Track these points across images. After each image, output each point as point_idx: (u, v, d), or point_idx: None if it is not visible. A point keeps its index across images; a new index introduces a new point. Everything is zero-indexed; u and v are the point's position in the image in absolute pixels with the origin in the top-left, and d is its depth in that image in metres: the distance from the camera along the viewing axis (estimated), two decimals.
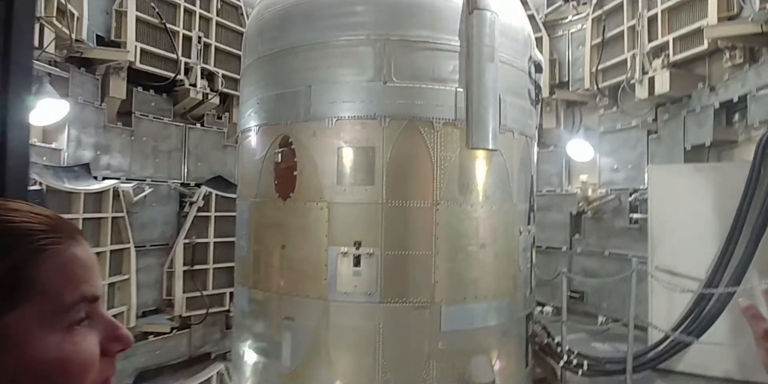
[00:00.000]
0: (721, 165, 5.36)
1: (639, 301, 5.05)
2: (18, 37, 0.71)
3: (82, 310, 0.63)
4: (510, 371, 3.86)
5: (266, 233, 3.85)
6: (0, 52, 0.71)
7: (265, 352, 3.79)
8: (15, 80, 0.69)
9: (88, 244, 0.69)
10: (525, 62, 4.03)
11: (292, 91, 3.68)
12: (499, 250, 3.72)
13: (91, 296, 0.64)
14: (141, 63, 6.07)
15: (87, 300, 0.64)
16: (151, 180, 6.39)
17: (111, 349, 0.66)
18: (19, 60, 0.72)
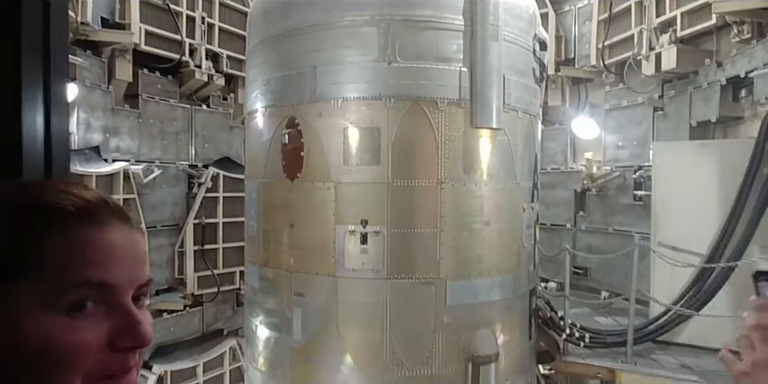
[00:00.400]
0: (725, 142, 5.37)
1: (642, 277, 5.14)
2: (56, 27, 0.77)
3: (86, 294, 0.59)
4: (513, 344, 3.99)
5: (275, 213, 3.95)
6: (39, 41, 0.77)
7: (277, 327, 3.93)
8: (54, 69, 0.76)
9: (127, 231, 0.66)
10: (530, 40, 4.03)
11: (298, 73, 3.71)
12: (502, 227, 3.80)
13: (97, 281, 0.59)
14: (146, 45, 6.08)
15: (93, 285, 0.59)
16: (159, 162, 6.48)
17: (119, 342, 0.60)
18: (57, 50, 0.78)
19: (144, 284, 0.66)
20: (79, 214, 0.62)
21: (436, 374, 3.56)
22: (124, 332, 0.61)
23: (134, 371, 0.64)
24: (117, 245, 0.64)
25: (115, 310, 0.61)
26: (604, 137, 7.12)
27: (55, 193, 0.64)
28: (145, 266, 0.68)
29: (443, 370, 3.57)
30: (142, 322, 0.62)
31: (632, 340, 4.50)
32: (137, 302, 0.65)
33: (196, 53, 6.70)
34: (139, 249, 0.68)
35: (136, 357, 0.64)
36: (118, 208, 0.68)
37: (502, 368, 3.77)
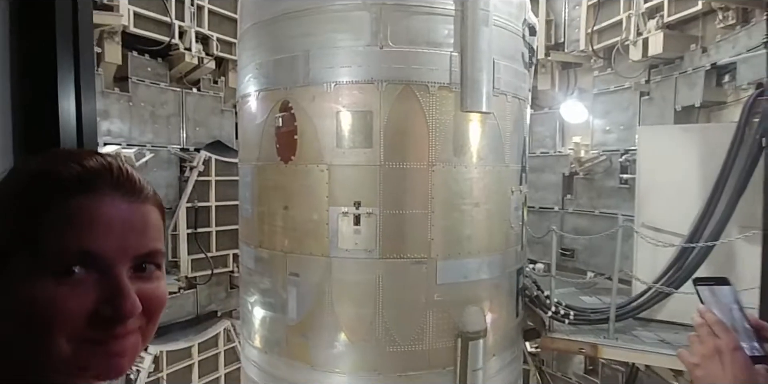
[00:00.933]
0: (707, 126, 5.51)
1: (626, 257, 5.32)
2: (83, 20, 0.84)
3: (74, 262, 0.61)
4: (501, 321, 4.15)
5: (269, 195, 4.02)
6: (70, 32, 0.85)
7: (272, 307, 4.04)
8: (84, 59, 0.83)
9: (126, 202, 0.66)
10: (519, 25, 4.09)
11: (291, 56, 3.75)
12: (491, 208, 3.92)
13: (84, 250, 0.61)
14: (135, 27, 6.03)
15: (80, 253, 0.61)
16: (151, 145, 6.49)
17: (103, 312, 0.62)
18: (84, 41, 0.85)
19: (145, 254, 0.67)
20: (74, 183, 0.63)
21: (426, 349, 3.71)
22: (107, 302, 0.62)
23: (125, 360, 0.65)
24: (109, 215, 0.64)
25: (105, 280, 0.62)
26: (592, 121, 7.24)
27: (60, 162, 0.66)
28: (145, 237, 0.67)
29: (433, 346, 3.72)
30: (127, 295, 0.62)
31: (614, 317, 4.69)
32: (142, 272, 0.67)
33: (186, 36, 6.66)
34: (138, 220, 0.67)
35: (128, 335, 0.64)
36: (125, 178, 0.68)
37: (489, 344, 3.94)
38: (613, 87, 6.90)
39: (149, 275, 0.68)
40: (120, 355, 0.64)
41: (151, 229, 0.69)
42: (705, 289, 1.08)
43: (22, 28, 0.83)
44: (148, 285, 0.67)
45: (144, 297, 0.65)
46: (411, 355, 3.68)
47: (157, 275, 0.70)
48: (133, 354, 0.67)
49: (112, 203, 0.65)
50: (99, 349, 0.63)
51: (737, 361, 0.97)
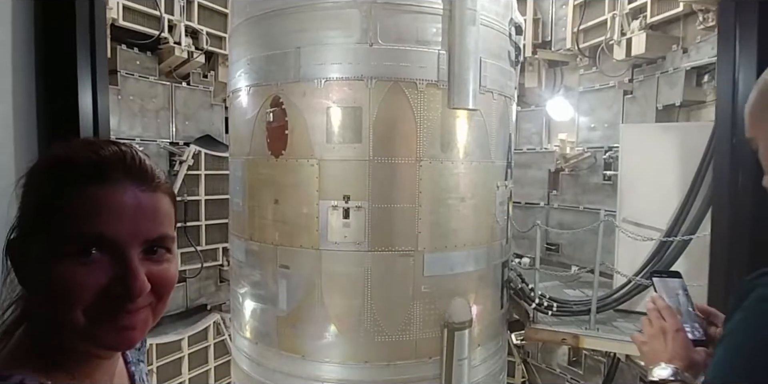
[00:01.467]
0: (686, 125, 5.67)
1: (608, 251, 5.47)
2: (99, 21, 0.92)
3: (90, 245, 0.68)
4: (486, 312, 4.28)
5: (260, 189, 4.09)
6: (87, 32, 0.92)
7: (263, 298, 4.12)
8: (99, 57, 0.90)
9: (138, 190, 0.72)
10: (506, 25, 4.19)
11: (282, 53, 3.81)
12: (477, 203, 4.03)
13: (98, 233, 0.68)
14: (124, 20, 6.02)
15: (94, 237, 0.68)
16: (140, 139, 6.49)
17: (113, 289, 0.68)
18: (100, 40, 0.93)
19: (155, 238, 0.73)
20: (89, 171, 0.70)
21: (413, 339, 3.82)
22: (118, 281, 0.69)
23: (135, 332, 0.72)
24: (122, 202, 0.70)
25: (118, 261, 0.69)
26: (577, 119, 7.39)
27: (78, 150, 0.73)
28: (155, 222, 0.73)
29: (420, 336, 3.83)
30: (136, 275, 0.69)
31: (595, 308, 4.84)
32: (153, 255, 0.74)
33: (176, 29, 6.65)
34: (149, 206, 0.73)
35: (138, 312, 0.72)
36: (139, 166, 0.74)
37: (475, 334, 4.06)
38: (597, 85, 7.04)
39: (159, 258, 0.75)
40: (130, 328, 0.72)
41: (162, 215, 0.75)
42: (659, 280, 1.22)
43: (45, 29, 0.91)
44: (158, 267, 0.74)
45: (154, 277, 0.72)
46: (398, 345, 3.79)
47: (167, 258, 0.76)
48: (143, 328, 0.74)
49: (125, 191, 0.71)
50: (111, 324, 0.70)
51: (678, 340, 1.13)
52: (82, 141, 0.79)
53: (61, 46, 0.92)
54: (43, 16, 0.91)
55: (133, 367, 0.92)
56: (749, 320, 0.64)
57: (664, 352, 1.13)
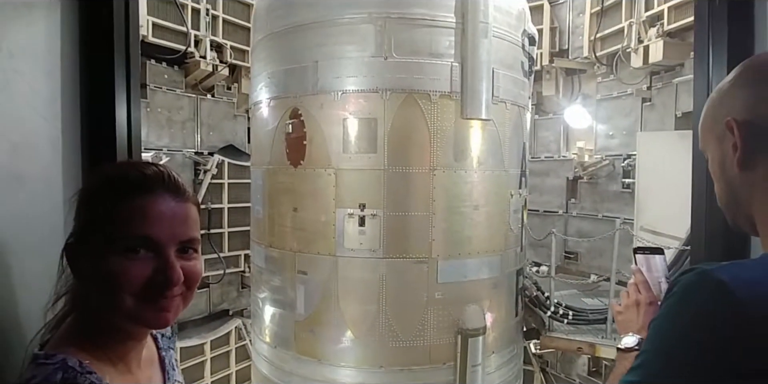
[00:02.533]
0: None
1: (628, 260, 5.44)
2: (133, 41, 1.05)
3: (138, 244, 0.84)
4: (500, 319, 4.31)
5: (279, 197, 4.24)
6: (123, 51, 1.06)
7: (281, 303, 4.25)
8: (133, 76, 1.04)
9: (174, 201, 0.90)
10: (518, 36, 4.27)
11: (301, 66, 3.97)
12: (491, 211, 4.09)
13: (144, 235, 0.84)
14: (153, 37, 6.31)
15: (142, 238, 0.85)
16: (167, 149, 6.75)
17: (155, 278, 0.85)
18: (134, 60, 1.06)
19: (187, 240, 0.90)
20: (138, 186, 0.88)
21: (427, 345, 3.89)
22: (160, 272, 0.86)
23: (170, 314, 0.89)
24: (162, 211, 0.88)
25: (159, 257, 0.86)
26: (595, 127, 7.38)
27: (128, 170, 0.91)
28: (187, 227, 0.91)
29: (434, 342, 3.90)
30: (174, 268, 0.86)
31: (612, 317, 4.82)
32: (185, 253, 0.91)
33: (201, 44, 6.93)
34: (182, 214, 0.91)
35: (173, 298, 0.88)
36: (173, 183, 0.93)
37: (489, 341, 4.10)
38: (615, 93, 7.04)
39: (189, 256, 0.92)
40: (167, 310, 0.89)
41: (191, 221, 0.93)
42: (641, 256, 1.28)
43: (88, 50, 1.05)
44: (188, 263, 0.91)
45: (185, 271, 0.89)
46: (412, 351, 3.86)
47: (195, 256, 0.94)
48: (177, 311, 0.91)
49: (165, 202, 0.89)
50: (152, 306, 0.87)
51: (649, 313, 1.22)
52: (127, 163, 0.99)
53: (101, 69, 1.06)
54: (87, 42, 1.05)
55: (164, 353, 1.08)
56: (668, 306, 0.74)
57: (634, 322, 1.22)
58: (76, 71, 1.02)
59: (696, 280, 0.72)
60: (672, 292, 0.74)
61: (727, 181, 0.87)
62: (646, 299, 1.23)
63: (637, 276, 1.28)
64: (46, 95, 0.95)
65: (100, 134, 1.01)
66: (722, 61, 1.23)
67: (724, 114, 0.85)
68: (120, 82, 1.06)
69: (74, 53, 1.03)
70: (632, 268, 1.30)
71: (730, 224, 0.90)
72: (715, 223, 1.25)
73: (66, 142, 0.96)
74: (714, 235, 1.27)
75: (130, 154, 1.06)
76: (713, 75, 1.24)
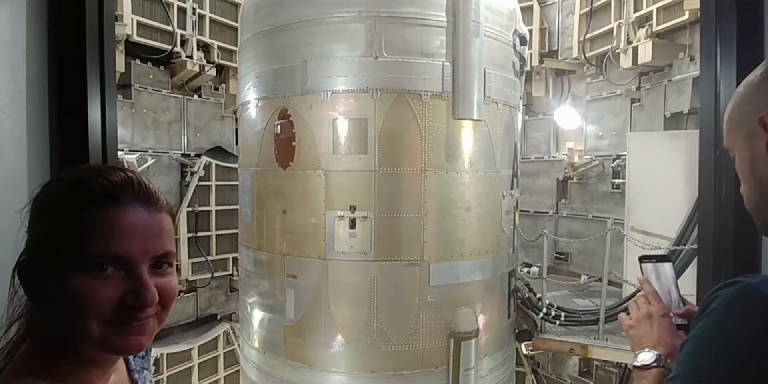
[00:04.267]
0: (693, 132, 5.63)
1: (618, 260, 5.45)
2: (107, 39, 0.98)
3: (105, 262, 0.74)
4: (493, 322, 4.27)
5: (268, 199, 4.16)
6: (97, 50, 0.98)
7: (271, 308, 4.16)
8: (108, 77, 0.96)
9: (146, 212, 0.79)
10: (510, 36, 4.24)
11: (289, 66, 3.90)
12: (483, 212, 4.05)
13: (113, 252, 0.74)
14: (138, 36, 6.18)
15: (110, 255, 0.74)
16: (152, 151, 6.62)
17: (129, 301, 0.75)
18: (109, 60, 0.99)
19: (161, 255, 0.80)
20: (103, 195, 0.77)
21: (420, 349, 3.83)
22: (132, 293, 0.76)
23: (144, 338, 0.79)
24: (132, 223, 0.77)
25: (130, 276, 0.76)
26: (585, 127, 7.39)
27: (91, 176, 0.80)
28: (161, 240, 0.81)
29: (427, 346, 3.84)
30: (148, 288, 0.76)
31: (604, 318, 4.81)
32: (158, 269, 0.81)
33: (188, 44, 6.81)
34: (155, 226, 0.80)
35: (147, 320, 0.78)
36: (145, 190, 0.82)
37: (482, 344, 4.05)
38: (605, 94, 7.05)
39: (164, 272, 0.82)
40: (140, 334, 0.79)
41: (166, 233, 0.83)
42: (648, 265, 1.22)
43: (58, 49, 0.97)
44: (163, 279, 0.81)
45: (160, 289, 0.79)
46: (405, 355, 3.80)
47: (170, 272, 0.84)
48: (151, 334, 0.81)
49: (134, 213, 0.79)
50: (123, 331, 0.77)
51: (663, 326, 1.15)
52: (89, 168, 0.86)
53: (72, 65, 0.98)
54: (56, 36, 0.98)
55: (136, 375, 0.98)
56: (708, 325, 0.67)
57: (649, 337, 1.15)
58: (44, 66, 0.94)
59: (739, 296, 0.65)
60: (710, 309, 0.67)
61: (759, 180, 0.81)
62: (659, 311, 1.17)
63: (646, 287, 1.22)
64: (9, 91, 0.88)
65: (71, 134, 0.93)
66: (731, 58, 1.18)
67: (754, 110, 0.79)
68: (93, 79, 0.98)
69: (42, 47, 0.95)
70: (639, 279, 1.24)
71: (758, 227, 0.84)
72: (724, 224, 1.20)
73: (32, 142, 0.88)
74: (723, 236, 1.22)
75: (104, 154, 0.99)
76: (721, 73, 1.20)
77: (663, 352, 1.10)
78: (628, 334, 1.22)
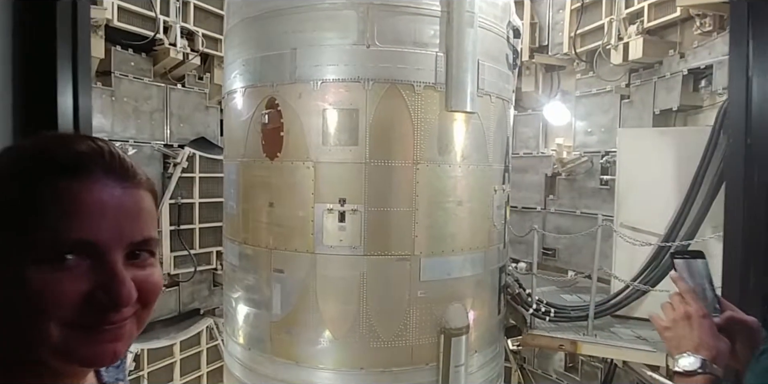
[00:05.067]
0: (683, 129, 5.66)
1: (605, 256, 5.43)
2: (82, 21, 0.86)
3: (67, 249, 0.60)
4: (483, 318, 4.22)
5: (254, 192, 4.03)
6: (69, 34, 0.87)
7: (256, 303, 4.05)
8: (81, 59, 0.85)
9: (120, 187, 0.65)
10: (504, 27, 4.16)
11: (277, 54, 3.76)
12: (474, 207, 3.98)
13: (76, 237, 0.60)
14: (119, 21, 5.96)
15: (73, 240, 0.60)
16: (133, 141, 6.42)
17: (96, 298, 0.60)
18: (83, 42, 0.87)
19: (140, 241, 0.65)
20: (67, 166, 0.62)
21: (409, 345, 3.76)
22: (102, 288, 0.60)
23: (119, 345, 0.64)
24: (102, 201, 0.62)
25: (100, 267, 0.61)
26: (574, 123, 7.37)
27: (50, 144, 0.65)
28: (139, 223, 0.66)
29: (416, 342, 3.77)
30: (122, 281, 0.61)
31: (593, 314, 4.80)
32: (137, 259, 0.66)
33: (171, 31, 6.60)
34: (132, 206, 0.65)
35: (123, 322, 0.63)
36: (119, 162, 0.66)
37: (472, 340, 4.00)
38: (594, 90, 7.04)
39: (143, 262, 0.67)
40: (113, 341, 0.64)
41: (146, 215, 0.68)
42: (681, 262, 1.15)
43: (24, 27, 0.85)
44: (142, 272, 0.66)
45: (139, 284, 0.65)
46: (394, 351, 3.73)
47: (152, 262, 0.69)
48: (128, 340, 0.66)
49: (105, 188, 0.63)
50: (92, 336, 0.62)
51: (704, 327, 1.06)
52: (52, 135, 0.71)
53: (40, 46, 0.86)
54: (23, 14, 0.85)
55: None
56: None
57: (689, 339, 1.06)
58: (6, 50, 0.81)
59: None
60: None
61: None
62: (698, 311, 1.08)
63: (681, 285, 1.13)
64: None
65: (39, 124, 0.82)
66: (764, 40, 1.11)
67: None
68: (64, 64, 0.86)
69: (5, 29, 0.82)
70: (672, 276, 1.16)
71: None
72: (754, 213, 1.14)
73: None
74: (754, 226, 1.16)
75: None
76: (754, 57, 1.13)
77: (707, 356, 1.02)
78: (663, 336, 1.14)
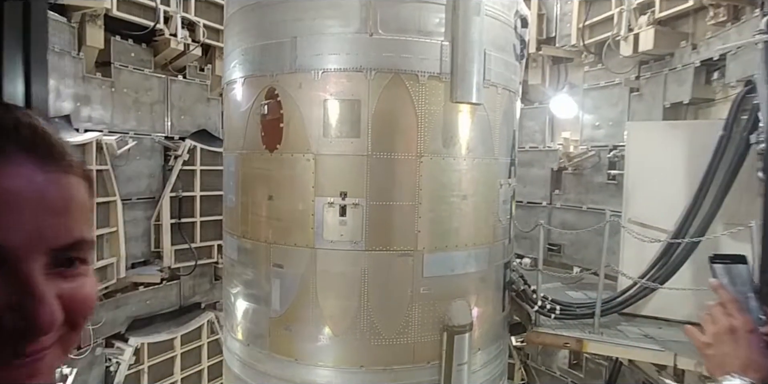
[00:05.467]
0: (694, 123, 5.52)
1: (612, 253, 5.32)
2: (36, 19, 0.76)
3: None
4: (487, 315, 4.12)
5: (254, 184, 3.94)
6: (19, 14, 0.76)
7: (255, 298, 3.97)
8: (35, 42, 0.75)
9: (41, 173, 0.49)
10: (511, 16, 4.03)
11: (277, 42, 3.65)
12: (479, 201, 3.87)
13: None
14: (118, 10, 5.85)
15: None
16: (134, 133, 6.34)
17: (7, 323, 0.46)
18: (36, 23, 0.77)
19: (68, 245, 0.51)
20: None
21: (411, 343, 3.67)
22: (14, 310, 0.46)
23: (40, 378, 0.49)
24: (18, 190, 0.47)
25: (12, 280, 0.46)
26: (581, 117, 7.23)
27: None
28: (66, 221, 0.51)
29: (419, 339, 3.68)
30: (42, 300, 0.47)
31: (600, 312, 4.69)
32: (62, 267, 0.51)
33: (172, 21, 6.49)
34: (58, 197, 0.50)
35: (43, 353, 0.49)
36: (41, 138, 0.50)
37: (475, 338, 3.90)
38: (603, 82, 6.89)
39: (72, 272, 0.52)
40: (30, 377, 0.49)
41: (76, 209, 0.52)
42: (721, 267, 1.02)
43: None
44: (70, 284, 0.51)
45: (66, 300, 0.50)
46: (395, 349, 3.64)
47: (83, 271, 0.53)
48: (50, 375, 0.51)
49: (20, 173, 0.47)
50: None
51: (752, 342, 0.92)
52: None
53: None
54: None
55: None
56: None
57: (735, 357, 0.92)
58: None
59: None
60: None
61: None
62: (745, 325, 0.93)
63: (723, 293, 0.99)
64: None
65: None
66: None
67: None
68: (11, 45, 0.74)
69: None
70: (712, 283, 1.01)
71: None
72: None
73: None
74: None
75: None
76: None
77: (755, 378, 0.88)
78: (703, 354, 0.99)
